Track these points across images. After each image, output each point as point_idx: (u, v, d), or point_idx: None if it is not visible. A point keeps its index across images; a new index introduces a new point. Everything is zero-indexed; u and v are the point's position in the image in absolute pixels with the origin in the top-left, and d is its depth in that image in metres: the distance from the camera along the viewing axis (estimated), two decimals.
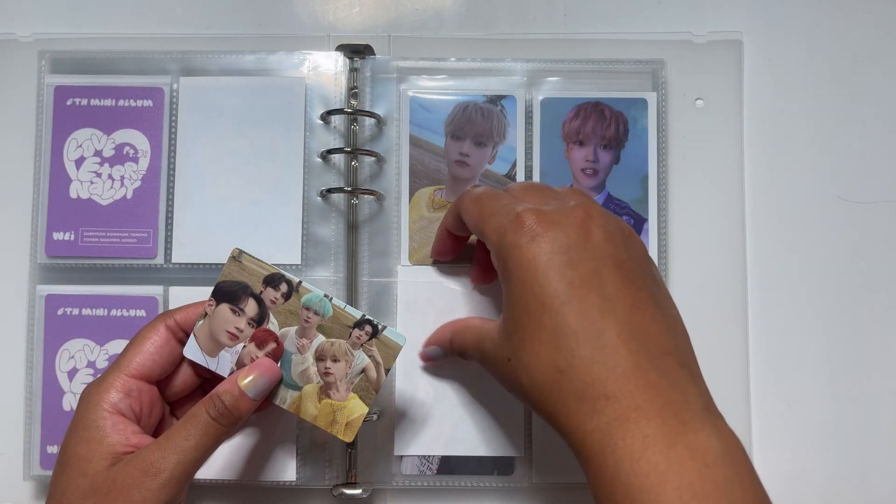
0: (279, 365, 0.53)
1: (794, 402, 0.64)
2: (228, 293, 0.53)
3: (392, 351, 0.53)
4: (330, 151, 0.63)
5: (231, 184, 0.63)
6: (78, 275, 0.63)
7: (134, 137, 0.64)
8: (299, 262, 0.63)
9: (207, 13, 0.68)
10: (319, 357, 0.53)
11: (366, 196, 0.64)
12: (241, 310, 0.53)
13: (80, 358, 0.62)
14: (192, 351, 0.53)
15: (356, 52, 0.65)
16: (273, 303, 0.53)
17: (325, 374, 0.53)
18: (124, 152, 0.64)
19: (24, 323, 0.64)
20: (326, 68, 0.65)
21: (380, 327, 0.53)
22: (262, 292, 0.53)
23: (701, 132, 0.65)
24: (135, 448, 0.48)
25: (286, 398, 0.53)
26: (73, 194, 0.63)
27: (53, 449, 0.62)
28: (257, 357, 0.53)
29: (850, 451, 0.64)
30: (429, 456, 0.61)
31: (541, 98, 0.64)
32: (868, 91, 0.66)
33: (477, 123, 0.64)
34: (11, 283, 0.64)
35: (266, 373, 0.51)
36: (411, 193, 0.64)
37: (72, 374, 0.62)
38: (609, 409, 0.40)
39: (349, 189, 0.63)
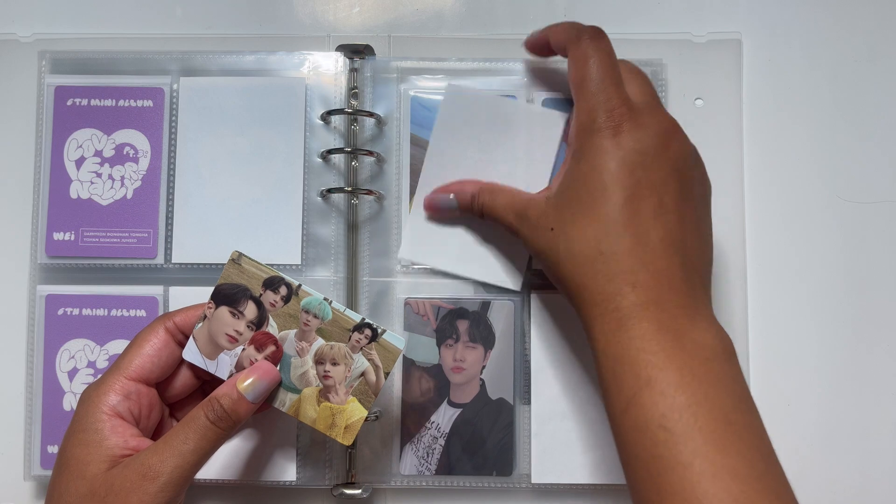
0: (278, 368, 0.52)
1: (794, 402, 0.63)
2: (227, 296, 0.53)
3: (392, 355, 0.52)
4: (330, 151, 0.63)
5: (231, 184, 0.63)
6: (78, 275, 0.63)
7: (134, 137, 0.64)
8: (299, 263, 0.62)
9: (208, 13, 0.67)
10: (319, 360, 0.52)
11: (366, 196, 0.63)
12: (241, 312, 0.52)
13: (81, 358, 0.62)
14: (191, 353, 0.52)
15: (356, 52, 0.64)
16: (272, 306, 0.52)
17: (324, 377, 0.52)
18: (124, 152, 0.63)
19: (25, 323, 0.63)
20: (326, 68, 0.64)
21: (379, 331, 0.52)
22: (261, 295, 0.53)
23: (700, 132, 0.63)
24: (133, 451, 0.48)
25: (285, 401, 0.52)
26: (73, 194, 0.63)
27: (54, 449, 0.61)
28: (256, 360, 0.52)
29: (850, 451, 0.63)
30: (428, 456, 0.61)
31: (542, 98, 0.64)
32: (867, 91, 0.66)
33: None
34: (12, 284, 0.64)
35: (265, 376, 0.51)
36: (412, 193, 0.63)
37: (72, 374, 0.62)
38: (633, 294, 0.44)
39: (349, 189, 0.63)
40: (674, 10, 0.67)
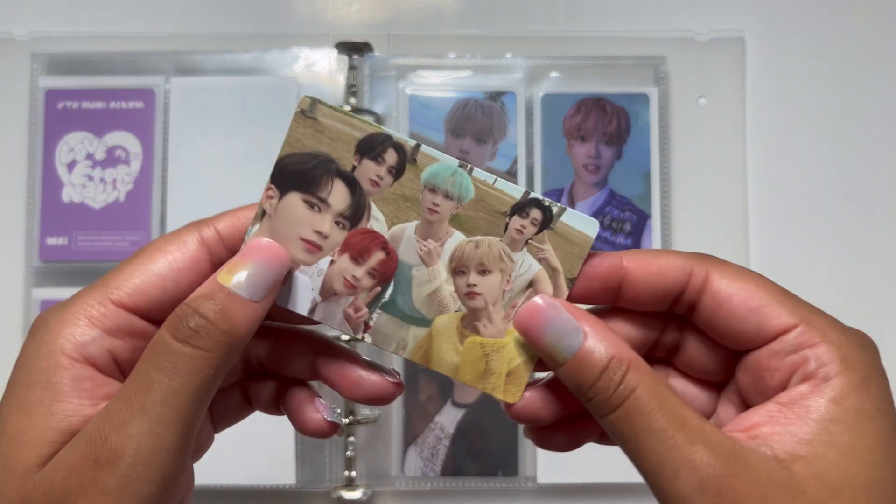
0: (392, 286, 0.33)
1: None
2: (299, 174, 0.32)
3: (577, 248, 0.32)
4: None
5: (225, 184, 0.62)
6: (73, 279, 0.62)
7: (125, 140, 0.62)
8: None
9: (206, 12, 0.65)
10: (458, 269, 0.33)
11: None
12: (323, 201, 0.32)
13: None
14: None
15: (355, 49, 0.63)
16: (375, 184, 0.32)
17: (468, 295, 0.33)
18: (116, 155, 0.62)
19: (21, 328, 0.62)
20: (321, 66, 0.63)
21: (554, 210, 0.33)
22: (355, 168, 0.32)
23: (703, 130, 0.64)
24: None
25: (406, 340, 0.33)
26: (65, 198, 0.61)
27: None
28: (357, 279, 0.32)
29: None
30: (432, 457, 0.60)
31: (541, 94, 0.63)
32: (871, 89, 0.65)
33: (477, 120, 0.63)
34: (7, 288, 0.63)
35: (266, 258, 0.30)
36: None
37: None
38: None
39: None
40: (677, 8, 0.65)
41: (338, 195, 0.32)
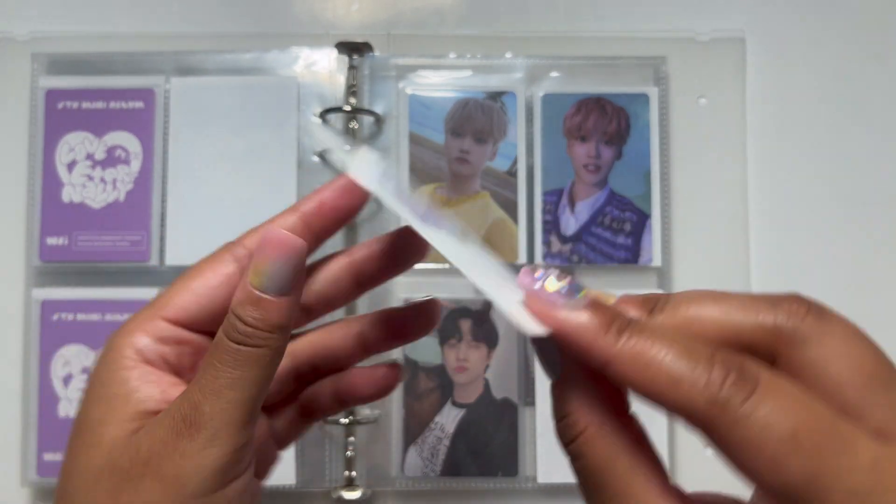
0: None
1: None
2: None
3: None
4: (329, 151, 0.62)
5: (225, 184, 0.61)
6: (73, 279, 0.61)
7: (125, 140, 0.62)
8: None
9: (206, 12, 0.65)
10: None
11: None
12: None
13: (76, 364, 0.60)
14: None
15: (355, 49, 0.63)
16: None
17: None
18: (116, 155, 0.62)
19: (21, 328, 0.62)
20: (321, 66, 0.63)
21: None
22: None
23: (704, 130, 0.64)
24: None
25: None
26: (65, 198, 0.61)
27: (50, 456, 0.60)
28: None
29: None
30: (433, 457, 0.60)
31: (541, 94, 0.63)
32: (872, 89, 0.65)
33: (477, 120, 0.63)
34: (7, 288, 0.62)
35: (282, 254, 0.32)
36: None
37: (67, 380, 0.60)
38: None
39: None
40: (677, 8, 0.65)
41: None
